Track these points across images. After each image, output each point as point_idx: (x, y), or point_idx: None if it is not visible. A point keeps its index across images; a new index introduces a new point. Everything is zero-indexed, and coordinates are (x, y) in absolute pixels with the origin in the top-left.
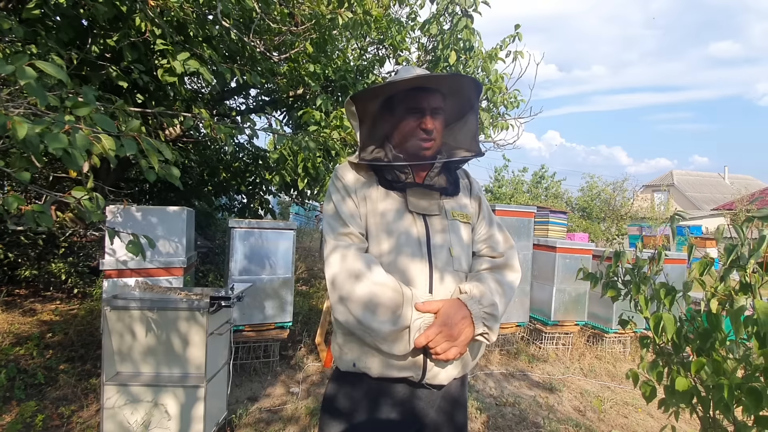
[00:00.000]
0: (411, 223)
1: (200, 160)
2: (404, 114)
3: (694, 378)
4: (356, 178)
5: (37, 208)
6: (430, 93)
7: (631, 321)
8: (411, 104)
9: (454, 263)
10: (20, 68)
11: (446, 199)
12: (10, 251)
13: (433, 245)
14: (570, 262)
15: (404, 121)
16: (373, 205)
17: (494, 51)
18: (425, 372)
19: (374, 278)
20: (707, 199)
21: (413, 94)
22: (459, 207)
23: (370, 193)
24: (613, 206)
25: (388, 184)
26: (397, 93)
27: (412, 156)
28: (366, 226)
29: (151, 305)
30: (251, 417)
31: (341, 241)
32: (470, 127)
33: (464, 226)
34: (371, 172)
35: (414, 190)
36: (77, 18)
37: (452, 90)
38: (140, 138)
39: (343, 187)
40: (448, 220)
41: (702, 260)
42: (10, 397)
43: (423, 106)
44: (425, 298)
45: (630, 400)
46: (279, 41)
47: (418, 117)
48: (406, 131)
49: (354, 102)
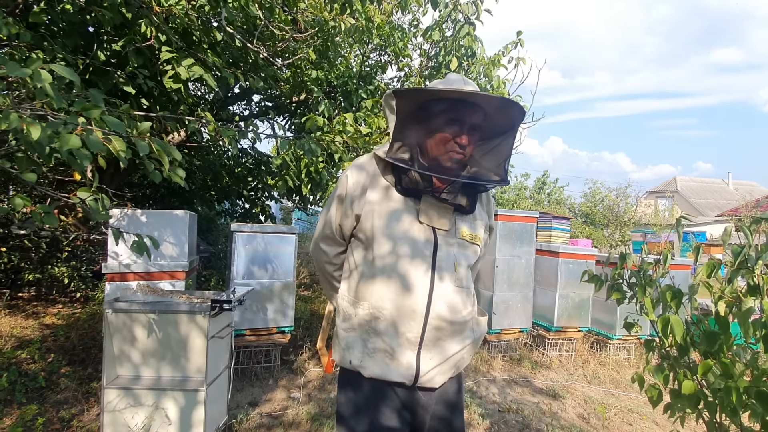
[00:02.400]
0: (420, 231)
1: (203, 165)
2: (443, 123)
3: (701, 382)
4: (368, 179)
5: (42, 208)
6: (474, 108)
7: (636, 324)
8: (453, 115)
9: (457, 278)
10: (36, 71)
11: (460, 216)
12: (13, 255)
13: (439, 259)
14: (573, 268)
15: (441, 130)
16: (382, 206)
17: (497, 57)
18: (418, 377)
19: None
20: (711, 205)
21: (457, 105)
22: (470, 228)
23: (381, 195)
24: (617, 212)
25: (403, 190)
26: (441, 99)
27: (438, 166)
28: (370, 227)
29: (153, 308)
30: (252, 422)
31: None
32: (503, 152)
33: (471, 246)
34: (390, 170)
35: (428, 200)
36: (83, 24)
37: (496, 110)
38: (150, 139)
39: (352, 186)
40: (456, 238)
41: (708, 262)
42: (11, 401)
43: (464, 120)
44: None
45: (635, 407)
46: (282, 47)
47: (456, 130)
48: (440, 140)
49: (395, 97)
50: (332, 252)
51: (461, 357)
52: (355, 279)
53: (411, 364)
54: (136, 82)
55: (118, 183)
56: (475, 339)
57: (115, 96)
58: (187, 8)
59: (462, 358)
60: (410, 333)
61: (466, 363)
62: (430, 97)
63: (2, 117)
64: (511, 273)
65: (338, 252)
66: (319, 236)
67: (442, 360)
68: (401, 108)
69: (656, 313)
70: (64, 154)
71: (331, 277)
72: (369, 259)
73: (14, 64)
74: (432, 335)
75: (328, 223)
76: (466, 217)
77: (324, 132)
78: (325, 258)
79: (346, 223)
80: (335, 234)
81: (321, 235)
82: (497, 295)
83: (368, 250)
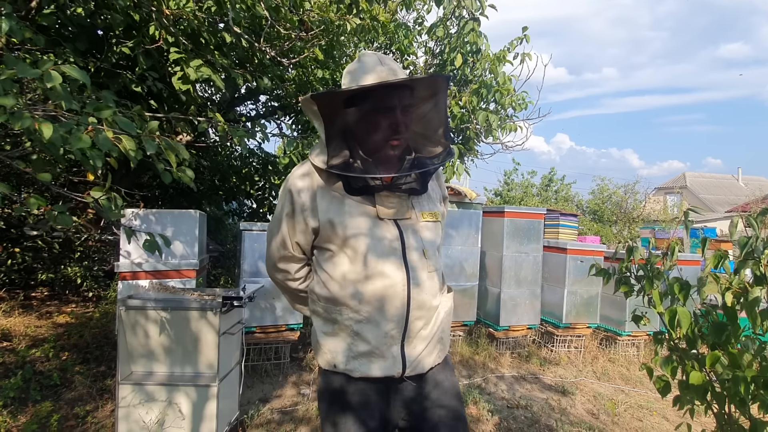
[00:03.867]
0: (384, 229)
1: (211, 166)
2: (375, 114)
3: (709, 373)
4: (314, 190)
5: (57, 208)
6: (401, 90)
7: (645, 317)
8: (380, 103)
9: (428, 264)
10: (47, 72)
11: (416, 199)
12: (27, 255)
13: (408, 248)
14: (581, 264)
15: (375, 122)
16: (338, 212)
17: (502, 53)
18: (405, 367)
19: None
20: (721, 201)
21: (383, 92)
22: (428, 206)
23: (333, 201)
24: (625, 209)
25: (355, 190)
26: (364, 91)
27: (382, 158)
28: (335, 236)
29: (165, 305)
30: (263, 417)
31: (279, 261)
32: (438, 119)
33: (434, 225)
34: (335, 175)
35: (382, 194)
36: (93, 27)
37: (420, 85)
38: (159, 138)
39: (298, 201)
40: (419, 221)
41: (716, 253)
42: (26, 399)
43: (394, 105)
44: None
45: (645, 403)
46: (288, 46)
47: (389, 115)
48: (375, 130)
49: (315, 102)
50: (293, 268)
51: (441, 336)
52: (329, 286)
53: (397, 357)
54: (145, 83)
55: (129, 183)
56: (448, 311)
57: (124, 97)
58: (195, 10)
59: (442, 337)
60: (394, 330)
61: (447, 339)
62: (352, 92)
63: (15, 117)
64: (518, 270)
65: (298, 267)
66: (276, 258)
67: (425, 346)
68: (327, 112)
69: (664, 305)
70: (77, 154)
71: (297, 290)
72: (340, 265)
73: (25, 66)
74: (414, 326)
75: (282, 243)
76: (422, 197)
77: None
78: (287, 276)
79: (302, 238)
80: (293, 252)
81: (277, 257)
82: (505, 292)
83: (338, 257)
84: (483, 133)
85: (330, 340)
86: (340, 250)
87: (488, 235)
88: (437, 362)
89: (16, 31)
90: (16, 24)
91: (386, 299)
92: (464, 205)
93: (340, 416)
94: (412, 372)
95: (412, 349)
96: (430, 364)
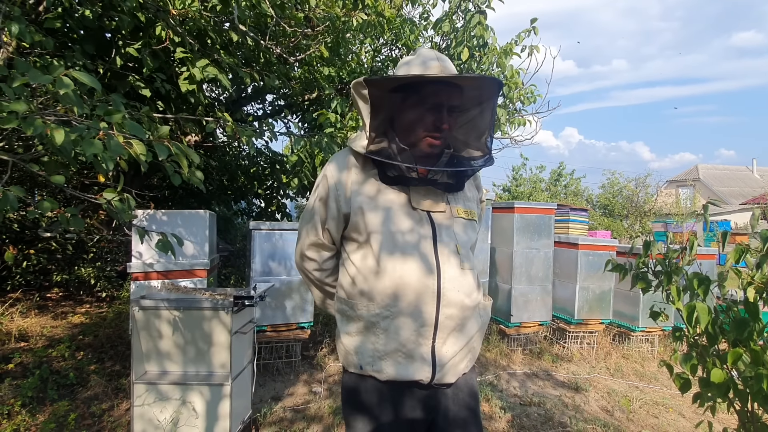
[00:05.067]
0: (416, 220)
1: (219, 166)
2: (420, 107)
3: (731, 370)
4: (350, 176)
5: (69, 211)
6: (451, 89)
7: (663, 313)
8: (430, 98)
9: (462, 261)
10: (59, 78)
11: (451, 195)
12: (41, 257)
13: (440, 243)
14: (593, 259)
15: (419, 114)
16: (371, 200)
17: (509, 46)
18: (435, 373)
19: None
20: (735, 193)
21: (433, 87)
22: (464, 204)
23: (367, 189)
24: (636, 203)
25: (390, 179)
26: (416, 83)
27: (420, 152)
28: (364, 225)
29: (177, 305)
30: (275, 416)
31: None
32: (483, 126)
33: (469, 223)
34: (371, 162)
35: (417, 185)
36: (101, 30)
37: (473, 87)
38: (170, 142)
39: (333, 187)
40: (453, 217)
41: (737, 247)
42: (43, 398)
43: (442, 102)
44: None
45: (660, 399)
46: (294, 44)
47: (435, 112)
48: (418, 124)
49: (367, 86)
50: (321, 258)
51: (473, 346)
52: (356, 281)
53: (427, 359)
54: (153, 85)
55: (140, 185)
56: (482, 324)
57: (132, 99)
58: (200, 9)
59: (474, 347)
60: (423, 328)
61: (476, 352)
62: (405, 81)
63: (27, 123)
64: (529, 266)
65: (328, 257)
66: (305, 245)
67: (456, 351)
68: (375, 97)
69: (682, 301)
70: (89, 157)
71: (323, 283)
72: (368, 257)
73: (37, 72)
74: (445, 325)
75: (313, 229)
76: (458, 194)
77: (337, 129)
78: (314, 265)
79: (333, 225)
80: (323, 239)
81: (307, 243)
82: (516, 288)
83: (366, 248)
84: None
85: (354, 339)
86: (368, 241)
87: (498, 231)
88: (465, 371)
89: (26, 34)
90: (26, 27)
91: (416, 294)
92: None
93: (362, 422)
94: (441, 378)
95: (443, 351)
96: (461, 371)
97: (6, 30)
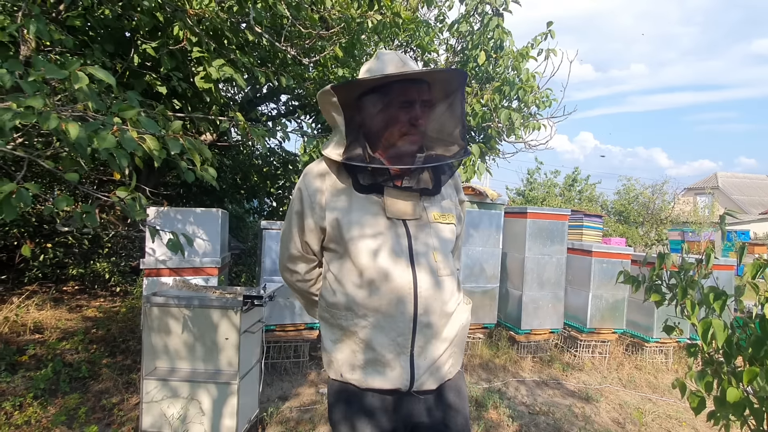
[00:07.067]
0: (391, 229)
1: (233, 165)
2: (392, 107)
3: (746, 388)
4: (324, 186)
5: (84, 208)
6: (420, 85)
7: (677, 327)
8: (400, 96)
9: (439, 267)
10: (74, 73)
11: (427, 200)
12: (58, 250)
13: (416, 252)
14: (607, 267)
15: (391, 114)
16: (346, 211)
17: (525, 49)
18: (413, 381)
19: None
20: (755, 202)
21: (402, 85)
22: (441, 208)
23: (342, 199)
24: (652, 210)
25: (364, 188)
26: (384, 85)
27: (396, 155)
28: (340, 236)
29: (188, 302)
30: (282, 415)
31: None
32: (455, 117)
33: (447, 227)
34: (345, 171)
35: (391, 192)
36: (121, 29)
37: (440, 80)
38: (182, 138)
39: (308, 199)
40: (429, 223)
41: (755, 262)
42: (55, 390)
43: (413, 98)
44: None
45: (673, 413)
46: (309, 45)
47: (408, 109)
48: (393, 124)
49: (335, 93)
50: (304, 269)
51: (454, 351)
52: (335, 290)
53: (405, 367)
54: (170, 84)
55: (154, 182)
56: (462, 328)
57: (148, 97)
58: (217, 10)
59: (455, 352)
60: (400, 337)
61: (460, 356)
62: (373, 84)
63: (43, 117)
64: (541, 272)
65: (310, 268)
66: (286, 259)
67: (435, 358)
68: (345, 104)
69: (698, 316)
70: (104, 154)
71: (308, 293)
72: (345, 267)
73: (53, 67)
74: (422, 333)
75: (292, 243)
76: (434, 198)
77: None
78: (297, 277)
79: (311, 238)
80: (302, 252)
81: (287, 257)
82: (526, 294)
83: (344, 259)
84: (505, 131)
85: (337, 347)
86: (346, 252)
87: (510, 236)
88: (448, 377)
89: (44, 33)
90: (44, 26)
91: (392, 303)
92: (485, 205)
93: (345, 427)
94: (420, 386)
95: (422, 359)
96: (442, 378)
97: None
